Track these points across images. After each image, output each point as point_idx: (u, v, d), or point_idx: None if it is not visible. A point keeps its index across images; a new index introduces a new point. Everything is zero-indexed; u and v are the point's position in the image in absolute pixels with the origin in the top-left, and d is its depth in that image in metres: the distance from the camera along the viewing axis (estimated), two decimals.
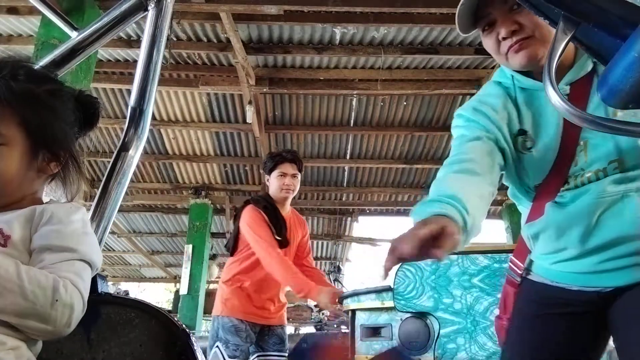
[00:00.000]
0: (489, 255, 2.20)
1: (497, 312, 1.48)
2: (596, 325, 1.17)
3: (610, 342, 1.23)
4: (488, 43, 1.21)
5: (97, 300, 0.90)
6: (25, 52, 5.18)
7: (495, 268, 2.20)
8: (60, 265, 0.78)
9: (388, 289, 2.36)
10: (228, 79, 5.44)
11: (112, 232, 8.98)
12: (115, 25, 1.18)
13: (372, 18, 4.58)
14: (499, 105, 1.23)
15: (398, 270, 2.35)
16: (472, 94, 1.62)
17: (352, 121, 6.43)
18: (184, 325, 0.94)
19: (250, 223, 2.71)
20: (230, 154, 7.13)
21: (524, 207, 1.29)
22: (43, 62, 1.13)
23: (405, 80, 5.38)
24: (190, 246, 7.64)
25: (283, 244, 2.73)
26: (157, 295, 17.80)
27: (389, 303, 2.33)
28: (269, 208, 2.78)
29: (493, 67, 5.12)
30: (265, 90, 5.58)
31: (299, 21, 4.66)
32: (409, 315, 2.27)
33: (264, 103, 6.10)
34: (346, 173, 7.60)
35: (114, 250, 10.66)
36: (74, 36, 1.17)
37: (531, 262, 1.28)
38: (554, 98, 0.66)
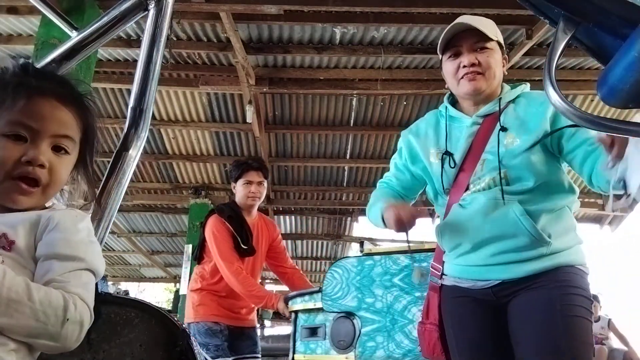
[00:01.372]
0: (409, 255, 2.27)
1: (419, 317, 1.73)
2: (500, 316, 1.42)
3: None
4: (448, 67, 1.53)
5: (97, 300, 0.90)
6: (25, 52, 5.18)
7: (415, 267, 2.25)
8: (68, 276, 0.78)
9: (319, 291, 2.43)
10: (228, 79, 5.44)
11: (112, 232, 8.98)
12: (115, 25, 1.18)
13: (372, 18, 4.58)
14: (423, 131, 1.63)
15: (327, 272, 2.44)
16: None
17: (352, 121, 6.43)
18: (184, 326, 0.94)
19: (213, 235, 2.74)
20: (230, 153, 7.13)
21: (440, 211, 1.59)
22: (43, 62, 1.13)
23: (405, 80, 5.37)
24: (190, 246, 7.62)
25: (248, 252, 2.77)
26: (157, 295, 17.80)
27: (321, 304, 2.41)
28: (234, 217, 2.81)
29: None
30: (265, 90, 5.58)
31: (299, 21, 4.66)
32: (340, 315, 2.33)
33: (264, 103, 6.10)
34: (346, 173, 7.60)
35: (114, 250, 10.65)
36: (74, 36, 1.17)
37: (443, 265, 1.56)
38: (553, 97, 0.66)
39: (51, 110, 0.83)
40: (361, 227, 9.12)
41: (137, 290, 16.64)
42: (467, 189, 1.48)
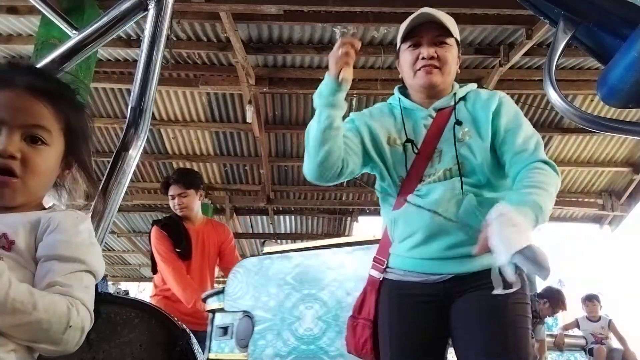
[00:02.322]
0: (301, 252, 2.36)
1: (306, 315, 1.81)
2: (443, 315, 1.41)
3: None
4: (407, 57, 1.54)
5: (97, 300, 0.90)
6: (25, 52, 5.18)
7: (306, 265, 2.32)
8: (70, 278, 0.77)
9: (222, 291, 2.50)
10: (228, 79, 5.43)
11: (112, 232, 8.98)
12: (115, 25, 1.18)
13: (372, 18, 4.57)
14: (378, 117, 1.61)
15: (230, 273, 2.51)
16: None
17: None
18: (184, 326, 0.94)
19: (153, 243, 3.04)
20: (230, 153, 7.12)
21: (389, 202, 1.54)
22: (43, 62, 1.13)
23: None
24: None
25: (183, 255, 2.99)
26: None
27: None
28: (169, 224, 3.10)
29: (493, 67, 5.13)
30: (265, 90, 5.57)
31: (298, 21, 4.66)
32: (244, 314, 2.38)
33: (264, 103, 6.10)
34: None
35: (113, 250, 10.65)
36: (74, 36, 1.17)
37: (389, 257, 1.51)
38: (553, 97, 0.66)
39: (20, 101, 0.82)
40: (361, 227, 9.12)
41: (137, 290, 16.63)
42: (422, 180, 1.47)
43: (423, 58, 1.49)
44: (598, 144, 6.78)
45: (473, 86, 1.62)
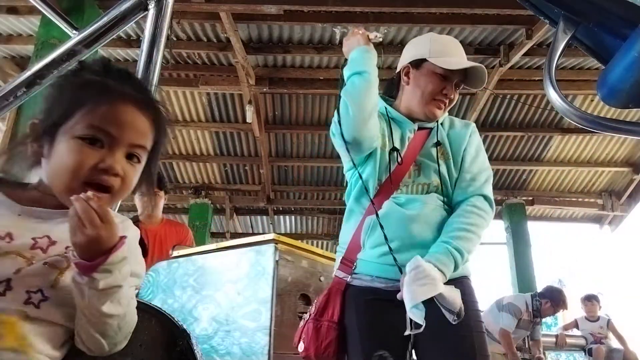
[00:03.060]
0: (204, 255, 2.41)
1: (204, 315, 1.82)
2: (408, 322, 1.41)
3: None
4: (432, 83, 1.60)
5: None
6: (25, 52, 5.18)
7: (207, 267, 2.37)
8: (131, 290, 0.82)
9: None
10: (228, 79, 5.44)
11: None
12: (115, 25, 1.18)
13: (372, 18, 4.58)
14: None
15: (145, 277, 2.54)
16: (473, 94, 1.74)
17: None
18: (184, 326, 0.94)
19: None
20: (230, 153, 7.13)
21: (362, 204, 1.57)
22: (43, 62, 1.13)
23: None
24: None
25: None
26: None
27: None
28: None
29: (493, 67, 5.13)
30: (265, 90, 5.58)
31: (299, 21, 4.66)
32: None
33: (264, 103, 6.10)
34: None
35: None
36: (74, 36, 1.17)
37: (356, 263, 1.53)
38: (553, 97, 0.66)
39: (132, 118, 0.81)
40: None
41: None
42: (399, 188, 1.54)
43: (445, 94, 1.59)
44: (598, 144, 6.79)
45: (446, 114, 1.70)
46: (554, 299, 4.88)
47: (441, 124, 1.64)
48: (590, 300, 5.96)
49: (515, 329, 4.69)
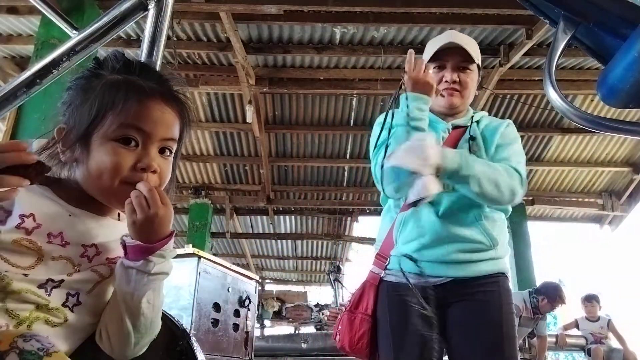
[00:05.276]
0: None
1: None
2: (439, 317, 1.47)
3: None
4: (436, 76, 1.62)
5: None
6: (25, 52, 5.18)
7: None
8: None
9: None
10: (228, 79, 5.44)
11: None
12: (115, 25, 1.18)
13: (372, 18, 4.58)
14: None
15: None
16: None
17: (352, 121, 6.43)
18: (184, 326, 0.94)
19: None
20: (230, 153, 7.13)
21: (397, 203, 1.60)
22: (43, 62, 1.13)
23: None
24: (190, 246, 7.61)
25: None
26: None
27: None
28: None
29: (493, 67, 5.13)
30: (265, 90, 5.58)
31: (299, 21, 4.66)
32: None
33: (264, 103, 6.10)
34: (346, 173, 7.60)
35: None
36: (74, 36, 1.17)
37: (389, 260, 1.56)
38: (553, 96, 0.66)
39: (161, 113, 0.82)
40: (361, 227, 9.12)
41: None
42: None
43: (446, 81, 1.61)
44: (598, 144, 6.79)
45: (485, 113, 1.73)
46: (550, 295, 4.88)
47: (477, 121, 1.65)
48: (590, 300, 5.97)
49: (517, 328, 4.69)
